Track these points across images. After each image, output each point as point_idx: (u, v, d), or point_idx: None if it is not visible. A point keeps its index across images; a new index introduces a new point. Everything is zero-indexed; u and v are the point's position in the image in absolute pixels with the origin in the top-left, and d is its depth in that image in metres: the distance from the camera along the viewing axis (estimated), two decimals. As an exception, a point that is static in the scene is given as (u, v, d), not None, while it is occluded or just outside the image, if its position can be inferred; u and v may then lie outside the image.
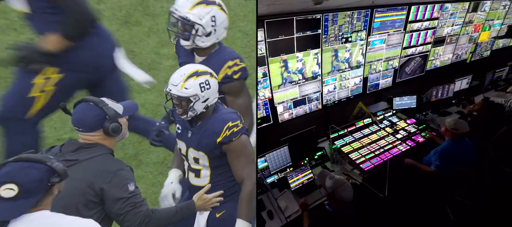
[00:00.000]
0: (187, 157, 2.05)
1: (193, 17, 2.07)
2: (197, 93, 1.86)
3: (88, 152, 1.66)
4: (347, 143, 3.59)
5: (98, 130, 1.68)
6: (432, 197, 3.07)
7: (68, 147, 1.67)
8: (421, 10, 4.01)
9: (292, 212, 2.76)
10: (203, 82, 1.88)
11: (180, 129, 2.06)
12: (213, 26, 2.11)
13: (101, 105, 1.67)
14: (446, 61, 4.83)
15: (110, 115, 1.67)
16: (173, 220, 1.78)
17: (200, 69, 1.91)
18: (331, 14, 3.33)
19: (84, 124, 1.66)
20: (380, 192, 2.82)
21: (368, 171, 3.16)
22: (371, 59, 3.93)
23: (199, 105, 1.90)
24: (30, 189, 1.22)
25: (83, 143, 1.67)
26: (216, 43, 2.19)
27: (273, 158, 3.18)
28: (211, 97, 1.92)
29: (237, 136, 1.90)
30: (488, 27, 5.05)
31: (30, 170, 1.24)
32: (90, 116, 1.65)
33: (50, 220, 1.28)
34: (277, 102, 3.38)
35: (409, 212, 2.95)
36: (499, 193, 3.12)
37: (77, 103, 1.71)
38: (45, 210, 1.28)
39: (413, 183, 3.13)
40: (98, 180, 1.60)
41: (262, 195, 2.93)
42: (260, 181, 2.99)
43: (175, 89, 1.87)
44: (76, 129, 1.67)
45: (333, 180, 2.25)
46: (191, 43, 2.12)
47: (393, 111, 4.22)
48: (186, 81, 1.86)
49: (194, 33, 2.08)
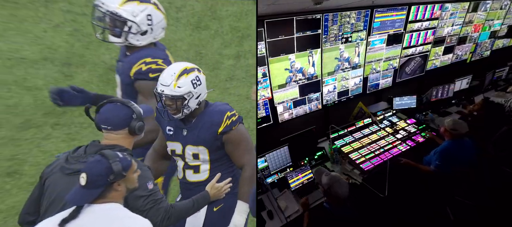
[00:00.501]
0: (183, 156, 2.06)
1: (126, 13, 2.03)
2: (190, 90, 1.89)
3: None
4: (347, 143, 3.59)
5: (124, 129, 1.72)
6: (432, 197, 3.06)
7: (91, 148, 1.70)
8: (421, 10, 4.01)
9: (292, 212, 2.75)
10: (194, 78, 1.91)
11: (172, 131, 2.05)
12: (149, 25, 2.09)
13: (129, 104, 1.73)
14: (446, 61, 4.83)
15: (137, 114, 1.73)
16: (191, 212, 1.84)
17: (188, 66, 1.93)
18: (331, 14, 3.33)
19: (113, 122, 1.70)
20: (380, 192, 2.82)
21: (368, 171, 3.16)
22: (371, 59, 3.93)
23: (193, 102, 1.93)
24: (94, 181, 1.38)
25: (103, 144, 1.71)
26: (152, 43, 2.17)
27: (273, 158, 3.18)
28: (203, 93, 1.96)
29: (236, 124, 1.96)
30: (488, 27, 5.05)
31: (96, 165, 1.41)
32: (119, 114, 1.70)
33: (111, 212, 1.42)
34: (277, 102, 3.38)
35: (409, 212, 2.95)
36: (499, 193, 3.12)
37: (101, 105, 1.74)
38: (110, 203, 1.43)
39: (413, 183, 3.13)
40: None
41: (262, 195, 2.93)
42: (260, 181, 2.99)
43: (168, 89, 1.88)
44: (103, 128, 1.72)
45: (329, 177, 2.29)
46: (123, 40, 2.09)
47: (393, 111, 4.22)
48: (178, 79, 1.88)
49: (127, 30, 2.05)
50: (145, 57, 2.09)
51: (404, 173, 3.19)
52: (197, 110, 1.98)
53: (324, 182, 2.30)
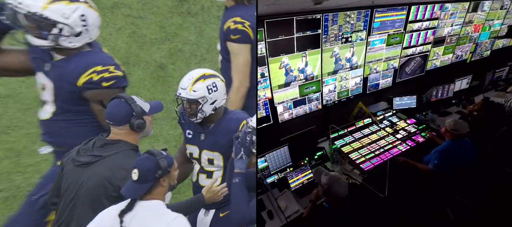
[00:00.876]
0: (200, 159, 2.12)
1: (54, 15, 1.84)
2: (205, 95, 1.95)
3: (112, 148, 1.77)
4: (347, 143, 3.59)
5: (125, 125, 1.78)
6: (432, 197, 3.06)
7: (98, 142, 1.79)
8: (421, 10, 4.01)
9: (292, 212, 2.75)
10: (210, 84, 1.96)
11: (191, 134, 2.13)
12: (84, 26, 1.93)
13: (130, 102, 1.77)
14: (446, 61, 4.84)
15: (137, 112, 1.78)
16: (184, 213, 1.83)
17: (207, 73, 1.99)
18: (331, 14, 3.33)
19: (115, 118, 1.77)
20: (380, 192, 2.82)
21: (368, 171, 3.16)
22: (371, 59, 3.93)
23: (208, 107, 1.98)
24: (144, 176, 1.51)
25: (109, 139, 1.80)
26: (86, 43, 2.02)
27: (273, 158, 3.18)
28: (219, 99, 2.00)
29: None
30: (488, 27, 5.05)
31: (146, 161, 1.54)
32: (119, 111, 1.77)
33: (155, 208, 1.54)
34: (277, 102, 3.38)
35: (409, 212, 2.95)
36: (499, 193, 3.12)
37: (112, 99, 1.80)
38: (155, 200, 1.55)
39: (413, 183, 3.13)
40: (115, 177, 1.70)
41: (262, 195, 2.93)
42: (260, 181, 2.99)
43: (184, 92, 1.96)
44: (109, 123, 1.79)
45: (328, 176, 2.31)
46: (53, 43, 1.90)
47: (393, 111, 4.22)
48: (194, 84, 1.94)
49: (57, 32, 1.88)
50: (95, 66, 1.96)
51: (404, 173, 3.19)
52: (215, 116, 2.04)
53: (323, 182, 2.32)
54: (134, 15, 4.01)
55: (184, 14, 4.25)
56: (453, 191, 3.05)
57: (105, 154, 1.75)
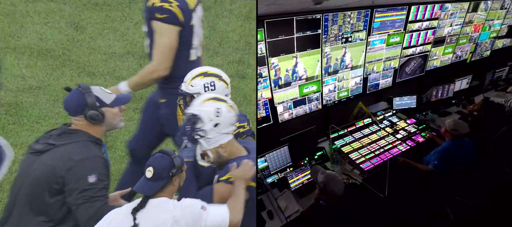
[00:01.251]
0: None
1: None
2: (200, 91, 1.94)
3: (69, 137, 1.71)
4: (347, 143, 3.59)
5: (80, 116, 1.73)
6: (432, 197, 3.07)
7: (57, 130, 1.74)
8: (421, 10, 4.01)
9: (292, 212, 2.75)
10: (208, 82, 1.95)
11: None
12: None
13: (84, 92, 1.72)
14: (446, 61, 4.84)
15: (90, 102, 1.71)
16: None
17: (210, 71, 1.98)
18: (331, 14, 3.33)
19: (68, 107, 1.73)
20: (380, 192, 2.82)
21: (368, 171, 3.16)
22: (371, 59, 3.93)
23: None
24: (159, 173, 1.52)
25: (67, 128, 1.74)
26: None
27: (273, 158, 3.18)
28: None
29: (243, 137, 1.96)
30: (488, 27, 5.05)
31: (161, 159, 1.54)
32: (72, 100, 1.72)
33: (163, 204, 1.53)
34: (277, 102, 3.38)
35: (409, 212, 2.95)
36: (499, 193, 3.12)
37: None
38: (163, 198, 1.55)
39: (413, 183, 3.13)
40: (60, 167, 1.63)
41: (262, 195, 2.93)
42: (260, 181, 2.99)
43: (184, 85, 1.98)
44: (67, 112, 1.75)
45: (324, 175, 2.34)
46: None
47: (393, 111, 4.22)
48: (193, 79, 1.95)
49: None
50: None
51: (404, 173, 3.19)
52: None
53: (320, 180, 2.35)
54: (150, 9, 4.16)
55: (204, 8, 4.29)
56: (453, 191, 3.05)
57: (59, 143, 1.68)
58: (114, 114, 1.81)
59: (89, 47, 3.75)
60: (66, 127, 1.76)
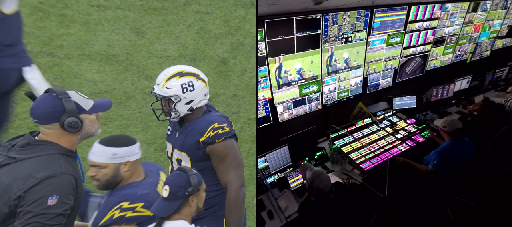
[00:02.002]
0: (171, 159, 2.01)
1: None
2: (178, 93, 1.81)
3: (34, 150, 1.48)
4: (347, 143, 3.59)
5: (54, 124, 1.50)
6: (432, 197, 3.07)
7: (21, 141, 1.50)
8: (421, 10, 4.02)
9: (292, 212, 2.75)
10: (186, 83, 1.82)
11: (170, 131, 2.02)
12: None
13: (61, 96, 1.50)
14: (446, 61, 4.84)
15: (69, 108, 1.50)
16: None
17: (186, 70, 1.85)
18: (331, 14, 3.33)
19: (39, 115, 1.49)
20: (380, 192, 2.82)
21: (368, 171, 3.16)
22: (371, 59, 3.93)
23: (182, 107, 1.85)
24: (175, 192, 1.44)
25: (33, 139, 1.51)
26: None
27: (273, 158, 3.18)
28: (196, 99, 1.85)
29: (221, 138, 1.82)
30: (488, 27, 5.05)
31: (178, 177, 1.47)
32: (46, 106, 1.49)
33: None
34: (277, 102, 3.38)
35: (409, 212, 2.95)
36: (499, 193, 3.12)
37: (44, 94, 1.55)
38: (182, 220, 1.47)
39: (413, 183, 3.13)
40: (18, 185, 1.41)
41: (262, 195, 2.93)
42: (260, 181, 2.99)
43: (158, 88, 1.84)
44: (33, 120, 1.51)
45: (312, 172, 2.44)
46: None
47: (393, 111, 4.22)
48: (168, 81, 1.82)
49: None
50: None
51: (404, 173, 3.20)
52: (192, 116, 1.90)
53: (307, 177, 2.45)
54: (202, 11, 4.18)
55: (247, 6, 4.31)
56: (453, 191, 3.05)
57: (20, 157, 1.46)
58: (92, 121, 1.60)
59: (148, 51, 3.88)
60: (32, 137, 1.51)
